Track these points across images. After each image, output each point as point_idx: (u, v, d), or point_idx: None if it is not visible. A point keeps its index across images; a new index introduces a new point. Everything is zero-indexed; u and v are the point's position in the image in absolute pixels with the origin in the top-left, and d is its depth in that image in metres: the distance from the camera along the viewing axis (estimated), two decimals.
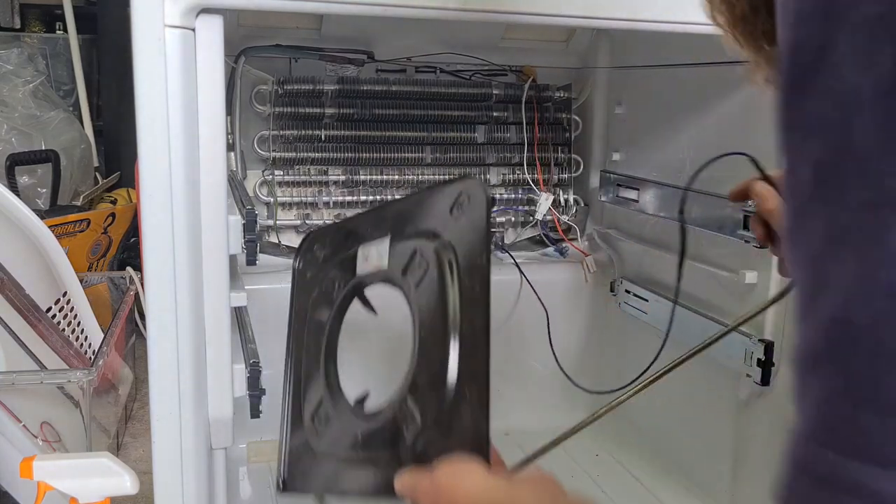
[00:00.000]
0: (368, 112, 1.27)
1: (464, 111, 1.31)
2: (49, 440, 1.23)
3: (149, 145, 0.70)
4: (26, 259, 1.37)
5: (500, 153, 1.34)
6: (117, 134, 2.45)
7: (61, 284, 1.49)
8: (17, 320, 1.27)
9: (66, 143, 2.13)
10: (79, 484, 0.75)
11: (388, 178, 1.30)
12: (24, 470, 0.74)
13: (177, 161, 0.71)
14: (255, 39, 1.18)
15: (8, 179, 1.93)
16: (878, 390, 0.26)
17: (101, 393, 1.45)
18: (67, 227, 1.88)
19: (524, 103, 1.30)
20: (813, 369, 0.29)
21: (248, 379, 0.85)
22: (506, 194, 1.34)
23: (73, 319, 1.53)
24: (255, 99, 1.24)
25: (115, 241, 2.09)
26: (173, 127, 0.70)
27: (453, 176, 1.32)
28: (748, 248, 1.01)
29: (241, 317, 1.00)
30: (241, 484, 1.18)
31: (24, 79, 2.17)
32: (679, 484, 1.19)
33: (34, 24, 2.47)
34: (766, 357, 0.99)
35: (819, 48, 0.28)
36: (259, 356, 0.89)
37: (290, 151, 1.26)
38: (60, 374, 1.29)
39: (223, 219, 0.77)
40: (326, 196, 1.28)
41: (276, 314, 1.26)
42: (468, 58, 1.30)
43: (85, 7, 2.48)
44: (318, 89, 1.24)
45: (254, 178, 1.27)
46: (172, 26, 0.69)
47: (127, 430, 1.64)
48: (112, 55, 2.45)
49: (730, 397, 1.09)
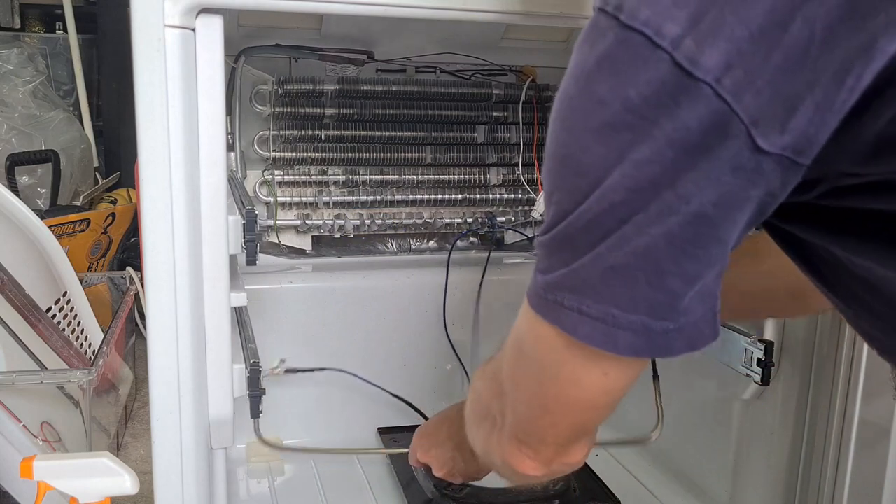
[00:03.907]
0: (368, 112, 1.27)
1: (464, 111, 1.31)
2: (49, 440, 1.23)
3: (149, 145, 0.70)
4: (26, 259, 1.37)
5: (500, 153, 1.34)
6: (117, 134, 2.45)
7: (61, 284, 1.49)
8: (17, 320, 1.27)
9: (66, 143, 2.13)
10: (79, 484, 0.75)
11: (388, 178, 1.30)
12: (24, 470, 0.74)
13: (177, 161, 0.71)
14: (255, 39, 1.18)
15: (8, 179, 1.93)
16: (584, 262, 0.46)
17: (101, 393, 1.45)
18: (67, 227, 1.88)
19: (522, 103, 1.30)
20: (549, 244, 0.48)
21: (248, 379, 0.85)
22: (506, 194, 1.34)
23: (73, 319, 1.53)
24: (255, 99, 1.24)
25: (115, 241, 2.09)
26: (173, 127, 0.70)
27: (454, 177, 1.32)
28: None
29: (241, 317, 1.00)
30: (241, 484, 1.18)
31: (24, 79, 2.17)
32: (679, 484, 1.19)
33: (34, 24, 2.47)
34: (766, 357, 0.99)
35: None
36: (259, 356, 0.89)
37: (290, 151, 1.26)
38: (60, 374, 1.29)
39: (223, 219, 0.77)
40: (326, 196, 1.28)
41: (276, 314, 1.27)
42: (468, 58, 1.30)
43: (85, 7, 2.48)
44: (318, 89, 1.24)
45: (254, 178, 1.27)
46: (172, 26, 0.69)
47: (127, 430, 1.64)
48: (112, 55, 2.45)
49: (730, 397, 1.09)
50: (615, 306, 0.46)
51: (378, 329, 1.30)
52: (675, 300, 0.45)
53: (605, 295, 0.46)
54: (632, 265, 0.44)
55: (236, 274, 0.85)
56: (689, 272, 0.45)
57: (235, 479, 1.18)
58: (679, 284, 0.45)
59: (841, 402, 0.93)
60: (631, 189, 0.43)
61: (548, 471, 0.60)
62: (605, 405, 0.54)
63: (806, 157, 0.41)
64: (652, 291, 0.45)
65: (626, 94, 0.41)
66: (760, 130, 0.40)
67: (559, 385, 0.53)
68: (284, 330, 1.26)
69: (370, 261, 1.35)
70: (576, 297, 0.47)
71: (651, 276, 0.44)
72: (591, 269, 0.46)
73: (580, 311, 0.47)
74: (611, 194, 0.43)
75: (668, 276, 0.44)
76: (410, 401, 1.29)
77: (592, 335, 0.47)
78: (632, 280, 0.45)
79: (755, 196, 0.42)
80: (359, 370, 1.29)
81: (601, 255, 0.45)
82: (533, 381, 0.55)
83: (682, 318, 0.46)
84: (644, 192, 0.42)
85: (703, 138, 0.40)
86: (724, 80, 0.39)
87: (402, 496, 1.08)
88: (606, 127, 0.43)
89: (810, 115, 0.40)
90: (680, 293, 0.45)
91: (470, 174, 1.33)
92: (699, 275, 0.45)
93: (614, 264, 0.45)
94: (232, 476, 1.16)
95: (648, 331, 0.46)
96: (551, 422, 0.56)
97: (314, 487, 1.15)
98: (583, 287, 0.47)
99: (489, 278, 1.31)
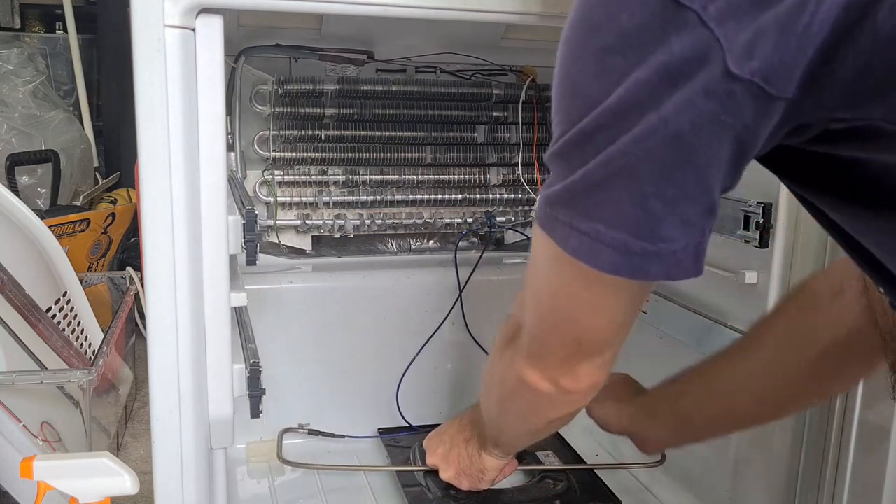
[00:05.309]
0: (368, 112, 1.27)
1: (464, 111, 1.31)
2: (49, 440, 1.23)
3: (149, 145, 0.70)
4: (26, 259, 1.37)
5: (500, 153, 1.34)
6: (117, 134, 2.45)
7: (61, 284, 1.49)
8: (17, 320, 1.28)
9: (66, 143, 2.14)
10: (79, 484, 0.75)
11: (388, 178, 1.30)
12: (24, 470, 0.74)
13: (177, 161, 0.71)
14: (255, 39, 1.18)
15: (8, 179, 1.94)
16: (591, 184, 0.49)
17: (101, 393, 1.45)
18: (67, 227, 1.88)
19: (522, 103, 1.30)
20: (550, 160, 0.52)
21: (248, 379, 0.85)
22: (506, 194, 1.34)
23: (73, 319, 1.53)
24: (255, 99, 1.24)
25: (115, 241, 2.09)
26: (173, 127, 0.70)
27: (454, 177, 1.32)
28: (748, 247, 1.00)
29: (241, 317, 1.00)
30: (241, 484, 1.18)
31: (24, 79, 2.17)
32: (679, 484, 1.19)
33: (34, 24, 2.47)
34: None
35: None
36: (259, 356, 0.89)
37: (290, 151, 1.26)
38: (60, 374, 1.29)
39: (223, 219, 0.77)
40: (326, 196, 1.28)
41: (276, 314, 1.27)
42: (468, 58, 1.30)
43: (85, 7, 2.48)
44: (318, 89, 1.24)
45: (254, 178, 1.27)
46: (172, 26, 0.69)
47: (127, 430, 1.64)
48: (112, 55, 2.45)
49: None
50: (602, 223, 0.49)
51: (378, 329, 1.30)
52: (655, 223, 0.48)
53: (594, 212, 0.49)
54: (615, 184, 0.48)
55: (236, 274, 0.85)
56: (667, 195, 0.47)
57: (235, 479, 1.18)
58: (659, 207, 0.47)
59: (841, 403, 0.93)
60: (617, 111, 0.46)
61: (556, 389, 0.64)
62: (600, 327, 0.59)
63: (777, 88, 0.43)
64: (633, 209, 0.48)
65: (619, 20, 0.45)
66: (733, 56, 0.43)
67: (555, 296, 0.59)
68: (284, 330, 1.26)
69: (370, 261, 1.35)
70: (568, 211, 0.50)
71: (633, 195, 0.48)
72: (580, 184, 0.49)
73: (571, 226, 0.50)
74: (600, 115, 0.47)
75: (650, 197, 0.47)
76: (410, 401, 1.29)
77: (579, 249, 0.50)
78: (616, 198, 0.48)
79: (728, 123, 0.45)
80: (359, 370, 1.29)
81: (589, 172, 0.48)
82: (539, 292, 0.61)
83: (661, 244, 0.49)
84: (630, 113, 0.46)
85: (686, 64, 0.44)
86: (710, 8, 0.42)
87: (403, 496, 1.08)
88: (600, 52, 0.47)
89: (776, 38, 0.42)
90: (660, 216, 0.48)
91: (470, 174, 1.33)
92: (677, 200, 0.48)
93: (601, 182, 0.48)
94: (232, 476, 1.16)
95: (629, 250, 0.49)
96: (553, 331, 0.61)
97: (314, 488, 1.15)
98: (574, 202, 0.50)
99: (489, 278, 1.31)
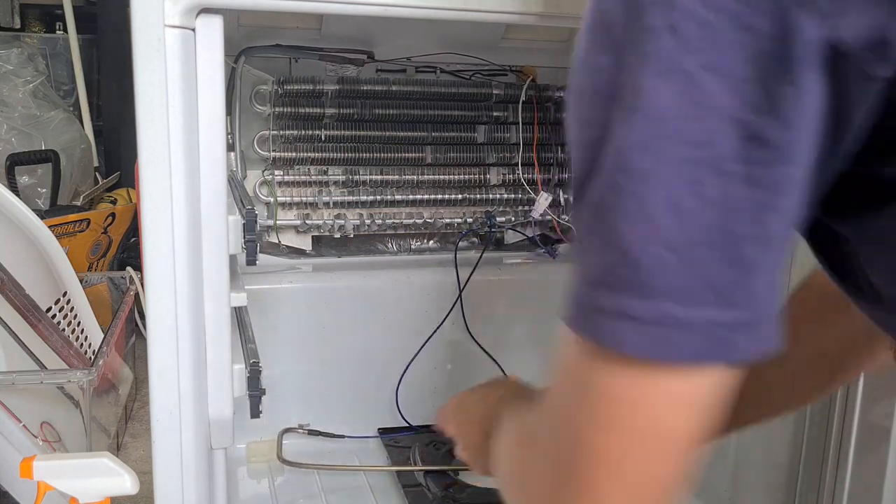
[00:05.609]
0: (368, 112, 1.27)
1: (464, 111, 1.31)
2: (49, 440, 1.23)
3: (149, 145, 0.70)
4: (26, 259, 1.37)
5: (500, 153, 1.34)
6: (117, 134, 2.45)
7: (61, 284, 1.49)
8: (17, 320, 1.27)
9: (66, 143, 2.14)
10: (79, 484, 0.75)
11: (388, 178, 1.30)
12: (24, 470, 0.74)
13: (177, 161, 0.71)
14: (255, 39, 1.18)
15: (8, 179, 1.93)
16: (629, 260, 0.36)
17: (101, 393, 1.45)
18: (67, 227, 1.88)
19: (522, 103, 1.30)
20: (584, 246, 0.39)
21: (248, 379, 0.85)
22: (506, 194, 1.34)
23: (73, 319, 1.53)
24: (255, 99, 1.24)
25: (115, 241, 2.09)
26: (173, 127, 0.70)
27: (454, 177, 1.32)
28: None
29: (241, 317, 1.00)
30: (241, 484, 1.18)
31: (24, 79, 2.17)
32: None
33: (34, 24, 2.47)
34: None
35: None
36: (259, 356, 0.89)
37: (290, 151, 1.26)
38: (60, 374, 1.29)
39: (223, 219, 0.77)
40: (326, 196, 1.28)
41: (276, 314, 1.27)
42: (468, 58, 1.30)
43: (85, 7, 2.48)
44: (318, 89, 1.24)
45: (254, 178, 1.27)
46: (172, 26, 0.69)
47: (127, 430, 1.64)
48: (112, 55, 2.45)
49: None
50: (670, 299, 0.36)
51: (378, 329, 1.30)
52: (746, 277, 0.36)
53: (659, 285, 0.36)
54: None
55: (236, 274, 0.85)
56: (760, 234, 0.36)
57: (235, 479, 1.18)
58: (751, 251, 0.36)
59: (841, 403, 0.93)
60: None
61: None
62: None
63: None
64: (720, 267, 0.35)
65: None
66: None
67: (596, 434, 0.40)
68: (285, 330, 1.26)
69: (370, 261, 1.35)
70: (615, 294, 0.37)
71: (722, 245, 0.35)
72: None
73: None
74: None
75: (743, 240, 0.35)
76: (410, 401, 1.29)
77: (641, 343, 0.37)
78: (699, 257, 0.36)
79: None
80: (358, 370, 1.29)
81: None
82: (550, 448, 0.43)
83: (757, 307, 0.37)
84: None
85: None
86: None
87: (403, 496, 1.08)
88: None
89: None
90: (753, 265, 0.36)
91: (470, 174, 1.33)
92: (769, 238, 0.36)
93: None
94: (232, 476, 1.16)
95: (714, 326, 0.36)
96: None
97: (314, 488, 1.15)
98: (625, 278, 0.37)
99: (489, 278, 1.31)
